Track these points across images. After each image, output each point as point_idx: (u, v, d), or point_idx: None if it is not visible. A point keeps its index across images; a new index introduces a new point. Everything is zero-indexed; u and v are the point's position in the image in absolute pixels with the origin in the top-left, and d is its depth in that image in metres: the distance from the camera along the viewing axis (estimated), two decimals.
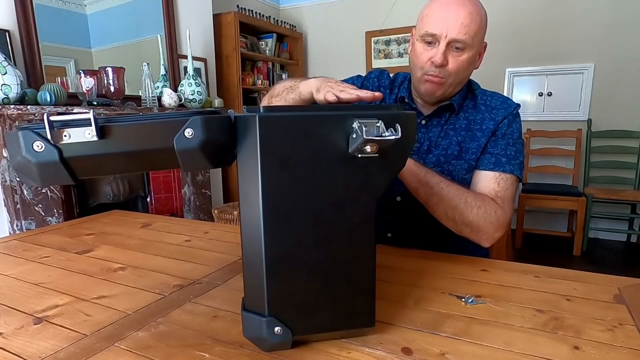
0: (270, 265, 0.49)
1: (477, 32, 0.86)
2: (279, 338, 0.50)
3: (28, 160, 0.44)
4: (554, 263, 0.80)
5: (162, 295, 0.70)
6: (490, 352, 0.52)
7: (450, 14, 0.83)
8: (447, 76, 0.88)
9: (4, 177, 1.84)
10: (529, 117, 3.33)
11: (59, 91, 1.91)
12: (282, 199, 0.48)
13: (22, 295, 0.71)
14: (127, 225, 1.17)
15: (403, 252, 0.89)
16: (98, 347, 0.54)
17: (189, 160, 0.46)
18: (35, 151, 0.44)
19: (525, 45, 3.29)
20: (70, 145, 0.44)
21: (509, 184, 0.89)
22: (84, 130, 0.44)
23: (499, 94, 1.00)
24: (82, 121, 0.44)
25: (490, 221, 0.82)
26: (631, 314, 0.60)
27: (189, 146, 0.45)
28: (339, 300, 0.52)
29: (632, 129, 3.04)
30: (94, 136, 0.44)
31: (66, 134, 0.44)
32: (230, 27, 3.24)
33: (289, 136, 0.47)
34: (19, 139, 0.44)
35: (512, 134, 0.93)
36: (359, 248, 0.51)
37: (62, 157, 0.44)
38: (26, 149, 0.44)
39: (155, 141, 0.46)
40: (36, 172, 0.44)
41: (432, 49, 0.87)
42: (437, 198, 0.80)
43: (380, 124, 0.46)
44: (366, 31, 3.84)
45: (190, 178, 2.82)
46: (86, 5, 2.31)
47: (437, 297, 0.67)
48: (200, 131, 0.45)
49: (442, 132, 0.96)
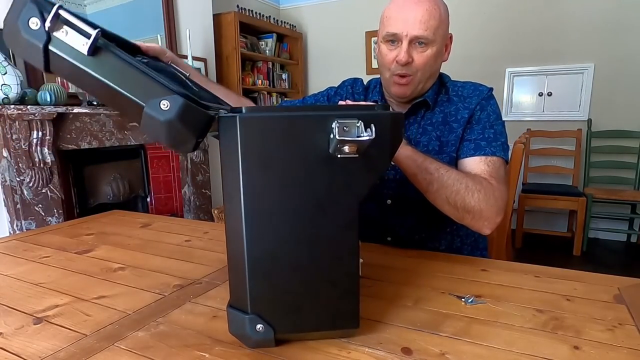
0: (252, 264, 0.49)
1: (438, 26, 0.87)
2: (261, 335, 0.51)
3: (18, 29, 0.45)
4: (554, 263, 0.80)
5: (162, 295, 0.70)
6: (490, 352, 0.52)
7: (408, 12, 0.86)
8: (414, 73, 0.89)
9: (4, 177, 1.84)
10: (529, 117, 3.33)
11: (59, 91, 1.91)
12: (263, 198, 0.48)
13: (22, 295, 0.71)
14: (127, 225, 1.17)
15: (402, 252, 0.89)
16: (98, 347, 0.54)
17: (150, 126, 0.46)
18: (28, 26, 0.45)
19: (525, 45, 3.29)
20: (61, 42, 0.45)
21: (497, 165, 0.88)
22: (81, 39, 0.45)
23: (470, 83, 0.99)
24: (85, 32, 0.45)
25: (491, 204, 0.80)
26: (631, 314, 0.60)
27: (156, 115, 0.45)
28: (322, 301, 0.52)
29: (632, 129, 3.04)
30: (85, 50, 0.45)
31: (64, 30, 0.45)
32: (230, 27, 3.24)
33: (270, 137, 0.47)
34: (24, 6, 0.45)
35: (488, 117, 0.93)
36: (342, 249, 0.51)
37: (46, 46, 0.45)
38: (21, 20, 0.45)
39: (132, 90, 0.46)
40: (18, 42, 0.46)
41: (395, 49, 0.89)
42: (438, 184, 0.78)
43: (360, 124, 0.46)
44: (366, 31, 3.84)
45: (190, 178, 2.82)
46: (86, 5, 2.31)
47: (437, 297, 0.67)
48: (175, 111, 0.45)
49: (420, 129, 0.97)
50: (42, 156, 1.92)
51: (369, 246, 0.93)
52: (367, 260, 0.83)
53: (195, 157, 2.83)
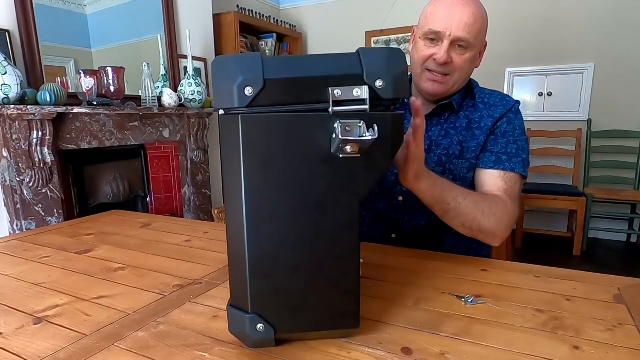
0: (253, 263, 0.49)
1: (480, 31, 0.86)
2: (261, 335, 0.51)
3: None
4: (554, 263, 0.80)
5: (162, 295, 0.70)
6: (490, 352, 0.52)
7: (455, 13, 0.84)
8: (451, 73, 0.89)
9: (4, 177, 1.84)
10: (529, 117, 3.33)
11: (59, 91, 1.91)
12: (265, 198, 0.48)
13: (22, 295, 0.71)
14: (127, 225, 1.17)
15: (403, 251, 0.89)
16: (98, 347, 0.54)
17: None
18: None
19: (525, 45, 3.29)
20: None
21: (514, 182, 0.88)
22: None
23: (497, 92, 0.99)
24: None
25: (505, 224, 0.81)
26: (631, 314, 0.60)
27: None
28: (323, 301, 0.52)
29: (632, 129, 3.04)
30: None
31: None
32: (230, 27, 3.24)
33: (272, 135, 0.47)
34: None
35: (514, 132, 0.93)
36: (343, 249, 0.51)
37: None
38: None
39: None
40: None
41: (434, 47, 0.88)
42: (454, 213, 0.78)
43: (362, 124, 0.46)
44: (366, 31, 3.84)
45: (190, 178, 2.82)
46: (86, 5, 2.31)
47: (437, 297, 0.67)
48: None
49: (442, 132, 0.96)
50: (42, 156, 1.92)
51: (370, 246, 0.93)
52: (367, 260, 0.83)
53: (195, 157, 2.83)
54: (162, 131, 2.60)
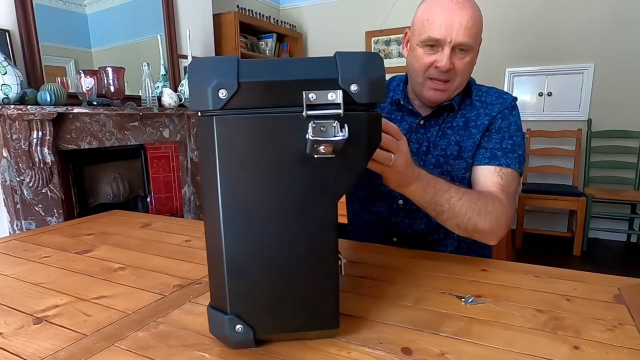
0: (230, 264, 0.49)
1: (478, 32, 0.86)
2: (240, 336, 0.51)
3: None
4: (554, 263, 0.80)
5: (162, 295, 0.70)
6: (490, 352, 0.52)
7: (453, 18, 0.82)
8: (452, 79, 0.88)
9: (4, 177, 1.84)
10: (529, 117, 3.33)
11: (59, 91, 1.91)
12: (241, 198, 0.48)
13: (22, 295, 0.71)
14: (127, 225, 1.17)
15: (403, 252, 0.89)
16: (98, 347, 0.54)
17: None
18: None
19: (525, 45, 3.29)
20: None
21: (510, 178, 0.87)
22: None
23: (494, 89, 0.98)
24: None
25: (501, 222, 0.80)
26: (631, 314, 0.60)
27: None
28: (302, 302, 0.52)
29: (632, 129, 3.04)
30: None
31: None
32: (230, 27, 3.24)
33: (247, 137, 0.47)
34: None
35: (509, 127, 0.92)
36: (321, 249, 0.51)
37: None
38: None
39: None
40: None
41: (435, 54, 0.86)
42: (449, 213, 0.76)
43: (336, 124, 0.46)
44: (366, 31, 3.84)
45: (190, 178, 2.82)
46: (86, 5, 2.31)
47: (437, 297, 0.67)
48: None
49: (439, 132, 0.95)
50: (42, 156, 1.92)
51: (370, 246, 0.93)
52: (367, 260, 0.83)
53: (196, 157, 2.83)
54: (162, 131, 2.60)
